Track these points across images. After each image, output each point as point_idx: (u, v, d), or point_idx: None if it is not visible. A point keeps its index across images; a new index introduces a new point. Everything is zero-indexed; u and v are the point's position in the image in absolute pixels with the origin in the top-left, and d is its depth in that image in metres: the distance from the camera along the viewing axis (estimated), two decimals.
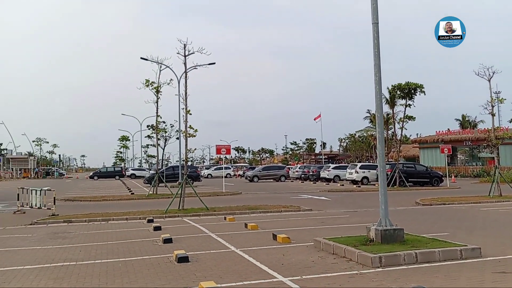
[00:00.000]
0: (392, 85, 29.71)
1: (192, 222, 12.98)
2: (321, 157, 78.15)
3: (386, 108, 50.66)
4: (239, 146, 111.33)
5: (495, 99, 20.14)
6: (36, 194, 16.00)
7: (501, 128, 38.26)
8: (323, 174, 41.45)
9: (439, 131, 52.98)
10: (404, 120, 28.06)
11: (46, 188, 16.41)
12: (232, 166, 71.33)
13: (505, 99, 21.09)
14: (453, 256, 7.29)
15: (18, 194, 16.29)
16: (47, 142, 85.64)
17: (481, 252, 7.48)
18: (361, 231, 9.78)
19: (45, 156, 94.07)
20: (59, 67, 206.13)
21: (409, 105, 27.17)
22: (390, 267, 6.74)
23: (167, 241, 9.26)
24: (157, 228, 11.26)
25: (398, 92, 27.03)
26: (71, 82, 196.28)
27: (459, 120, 67.34)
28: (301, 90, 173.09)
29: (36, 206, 15.84)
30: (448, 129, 54.62)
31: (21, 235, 10.93)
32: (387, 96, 44.36)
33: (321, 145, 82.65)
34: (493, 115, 20.01)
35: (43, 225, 12.96)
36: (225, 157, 36.08)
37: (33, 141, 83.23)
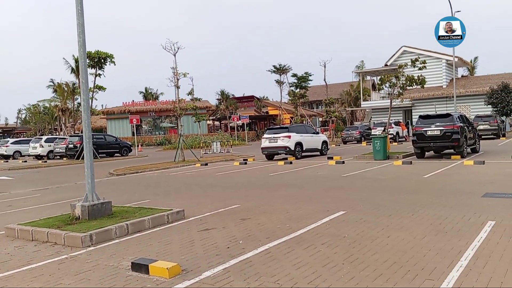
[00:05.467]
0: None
1: None
2: None
3: (72, 77, 48.54)
4: None
5: (180, 73, 21.98)
6: None
7: (184, 100, 42.45)
8: (0, 150, 36.11)
9: (126, 103, 54.50)
10: (94, 90, 27.24)
11: None
12: None
13: (188, 73, 23.35)
14: (162, 221, 7.50)
15: None
16: None
17: (184, 214, 8.01)
18: (61, 209, 8.97)
19: None
20: None
21: (99, 74, 26.52)
22: (102, 243, 6.33)
23: None
24: None
25: (88, 61, 25.93)
26: None
27: (143, 92, 70.93)
28: None
29: None
30: (133, 100, 56.79)
31: None
32: (73, 64, 42.20)
33: None
34: (177, 87, 21.84)
35: None
36: None
37: None
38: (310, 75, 48.18)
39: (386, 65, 44.02)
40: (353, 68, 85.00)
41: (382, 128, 26.85)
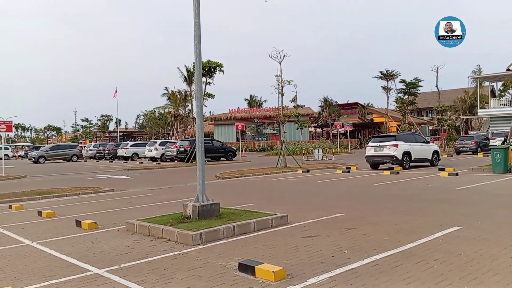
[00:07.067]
0: (193, 63, 30.09)
1: None
2: (115, 134, 75.00)
3: (184, 86, 51.85)
4: (18, 123, 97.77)
5: (284, 81, 22.30)
6: None
7: (287, 107, 42.92)
8: (121, 152, 39.85)
9: (232, 109, 56.73)
10: (204, 97, 28.78)
11: None
12: (10, 146, 62.30)
13: (293, 80, 23.58)
14: (266, 225, 7.63)
15: None
16: None
17: (288, 219, 8.06)
18: (173, 208, 9.53)
19: None
20: None
21: (209, 83, 27.95)
22: (210, 243, 6.62)
23: None
24: None
25: None
26: None
27: (248, 99, 73.18)
28: (95, 65, 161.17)
29: None
30: (238, 107, 58.85)
31: None
32: (185, 74, 45.08)
33: (116, 122, 79.03)
34: (282, 94, 22.15)
35: None
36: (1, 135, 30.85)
37: None
38: (420, 81, 45.73)
39: (508, 69, 40.10)
40: (468, 74, 78.63)
41: (502, 139, 24.42)
